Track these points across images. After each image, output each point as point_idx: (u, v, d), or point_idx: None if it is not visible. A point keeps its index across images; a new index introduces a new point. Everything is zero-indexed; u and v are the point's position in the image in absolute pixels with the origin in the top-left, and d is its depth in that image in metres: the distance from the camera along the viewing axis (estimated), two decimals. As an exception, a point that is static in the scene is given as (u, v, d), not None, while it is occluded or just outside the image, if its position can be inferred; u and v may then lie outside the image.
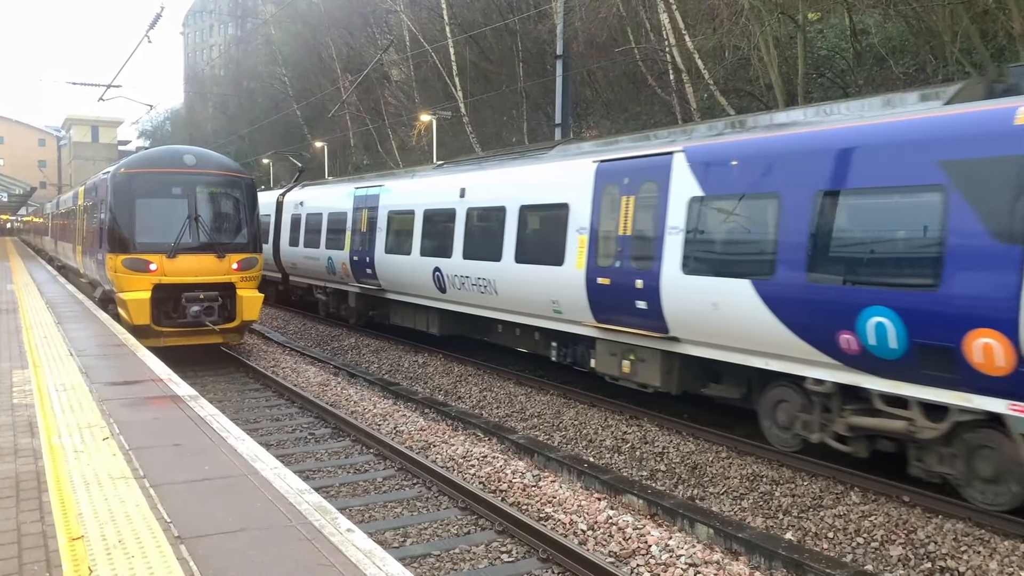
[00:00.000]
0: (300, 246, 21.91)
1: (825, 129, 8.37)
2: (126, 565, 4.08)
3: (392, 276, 16.99)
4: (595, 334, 11.56)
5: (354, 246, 18.60)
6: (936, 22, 17.22)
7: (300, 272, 22.63)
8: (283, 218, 23.64)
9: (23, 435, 6.62)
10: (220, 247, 15.43)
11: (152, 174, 15.39)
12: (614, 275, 10.79)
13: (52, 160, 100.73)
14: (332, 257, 19.82)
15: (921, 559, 6.89)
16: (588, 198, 11.40)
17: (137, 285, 14.73)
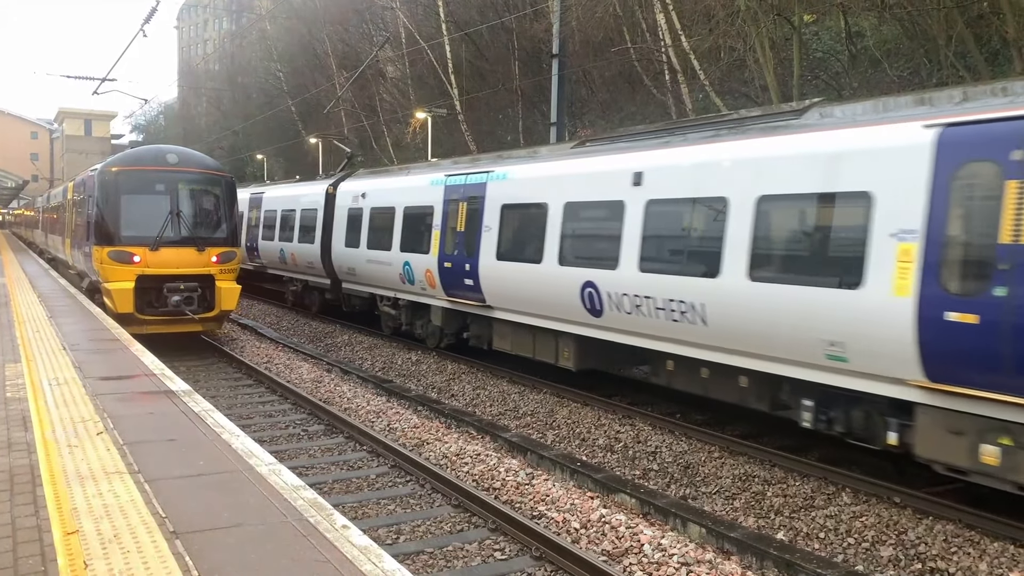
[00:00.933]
0: (362, 247, 18.04)
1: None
2: (122, 560, 4.08)
3: (506, 290, 13.22)
4: (919, 398, 7.47)
5: (446, 249, 14.91)
6: (931, 26, 17.30)
7: (360, 279, 18.67)
8: (336, 214, 19.62)
9: (16, 429, 6.61)
10: (200, 241, 16.32)
11: (137, 171, 16.41)
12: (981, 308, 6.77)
13: (44, 153, 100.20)
14: (410, 262, 16.04)
15: (911, 560, 6.94)
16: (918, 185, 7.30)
17: (121, 276, 15.65)
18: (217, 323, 17.40)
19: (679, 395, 12.74)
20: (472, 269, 14.03)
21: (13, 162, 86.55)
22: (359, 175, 20.27)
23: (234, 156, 61.35)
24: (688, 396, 12.58)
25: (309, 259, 21.19)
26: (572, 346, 12.23)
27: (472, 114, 34.15)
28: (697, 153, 9.89)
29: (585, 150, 12.32)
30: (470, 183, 14.57)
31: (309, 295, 22.68)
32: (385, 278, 17.30)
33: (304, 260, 21.61)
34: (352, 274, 19.02)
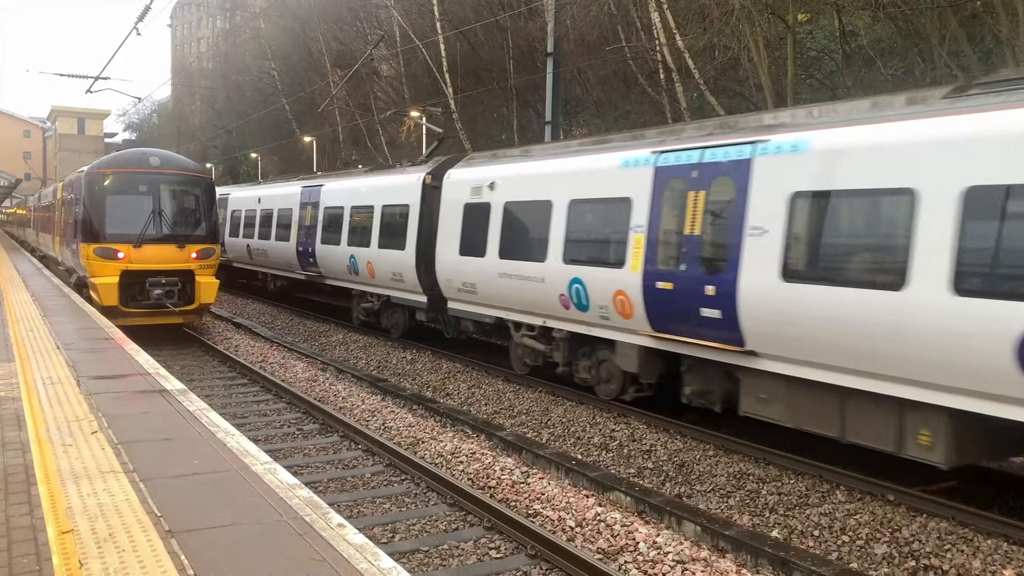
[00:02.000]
0: (489, 256, 13.58)
1: None
2: (117, 559, 4.07)
3: (798, 329, 8.52)
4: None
5: (657, 263, 10.32)
6: (924, 25, 17.35)
7: (484, 298, 13.97)
8: (442, 211, 15.23)
9: (11, 428, 6.59)
10: (181, 238, 17.40)
11: (121, 173, 17.52)
12: None
13: (37, 152, 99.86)
14: (583, 280, 11.48)
15: (905, 557, 6.96)
16: None
17: (107, 271, 16.69)
18: (197, 315, 18.45)
19: (674, 394, 12.77)
20: (723, 295, 9.22)
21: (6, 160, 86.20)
22: (475, 160, 15.31)
23: (228, 155, 61.25)
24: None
25: (396, 269, 16.83)
26: (944, 426, 7.53)
27: (467, 113, 34.13)
28: None
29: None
30: (716, 160, 9.54)
31: (389, 314, 18.37)
32: (531, 300, 12.67)
33: (387, 271, 17.22)
34: (469, 291, 14.31)
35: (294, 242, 21.82)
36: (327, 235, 19.98)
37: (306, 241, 21.13)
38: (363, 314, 19.29)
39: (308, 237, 21.01)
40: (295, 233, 21.84)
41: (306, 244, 21.13)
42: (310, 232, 20.93)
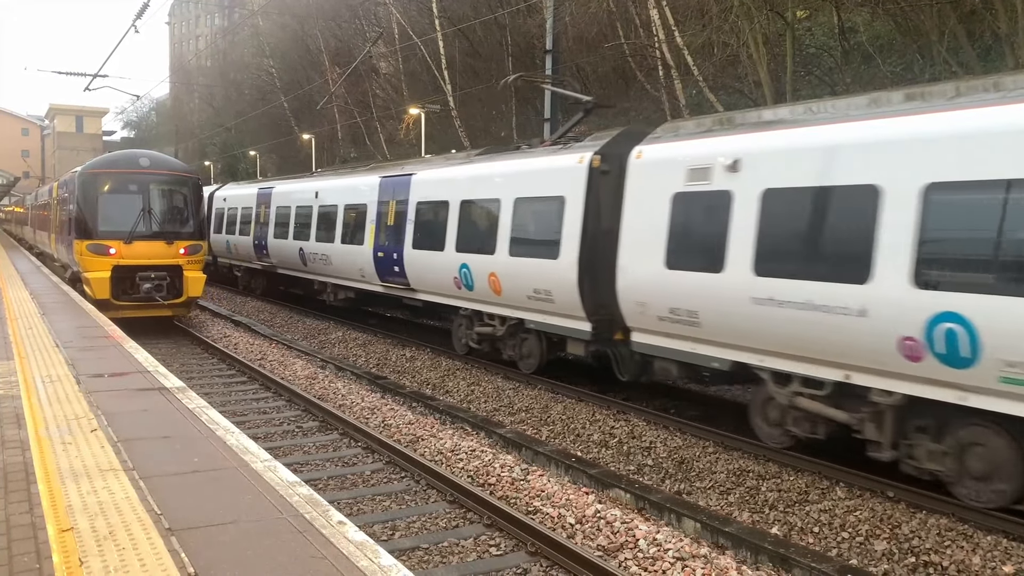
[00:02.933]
0: (728, 272, 9.38)
1: None
2: (117, 557, 4.07)
3: None
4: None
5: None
6: (924, 21, 17.35)
7: (712, 332, 9.85)
8: (632, 205, 11.03)
9: (10, 426, 6.58)
10: (169, 235, 18.33)
11: (112, 174, 18.46)
12: None
13: (35, 150, 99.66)
14: (967, 318, 7.03)
15: (905, 554, 6.97)
16: None
17: (99, 266, 17.61)
18: (185, 308, 19.32)
19: (673, 391, 12.79)
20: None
21: (4, 159, 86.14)
22: (685, 131, 10.77)
23: (227, 153, 61.20)
24: (682, 392, 12.60)
25: (540, 285, 12.48)
26: None
27: (465, 110, 34.12)
28: None
29: None
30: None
31: (518, 343, 13.88)
32: (826, 340, 8.33)
33: (524, 286, 12.89)
34: (683, 321, 10.08)
35: (370, 246, 17.85)
36: (421, 238, 15.88)
37: (390, 245, 17.09)
38: (474, 340, 14.97)
39: (391, 240, 17.00)
40: (371, 235, 17.88)
41: (390, 249, 17.09)
42: (394, 234, 16.91)
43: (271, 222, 23.60)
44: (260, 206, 24.79)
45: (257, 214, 24.87)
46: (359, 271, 18.49)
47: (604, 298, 11.38)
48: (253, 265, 26.01)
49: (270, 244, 23.61)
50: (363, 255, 18.14)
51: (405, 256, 16.34)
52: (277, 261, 23.60)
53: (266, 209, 24.25)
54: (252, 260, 25.87)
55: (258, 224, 24.73)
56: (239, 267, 27.86)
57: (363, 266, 18.19)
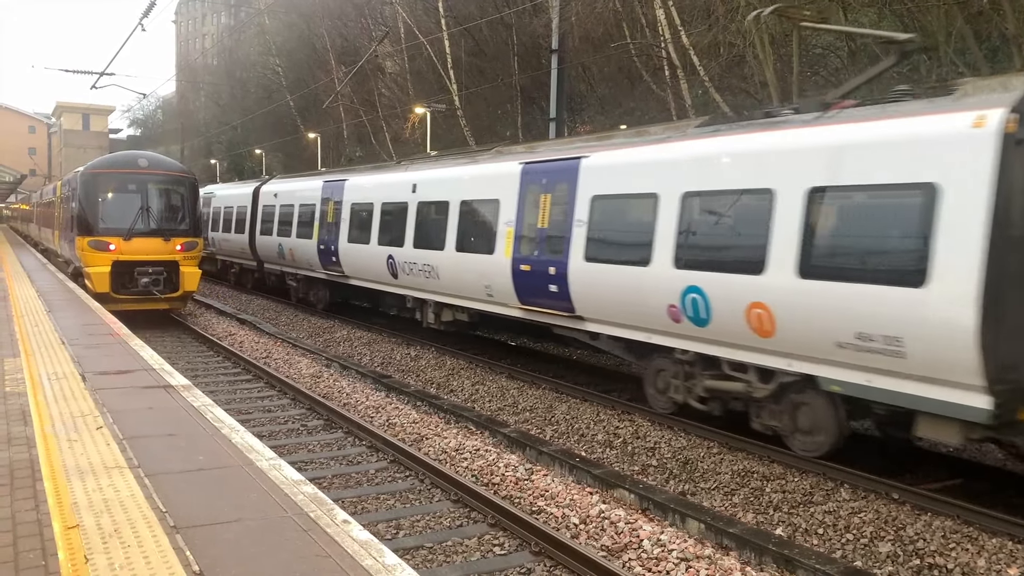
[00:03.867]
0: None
1: None
2: (122, 554, 4.08)
3: None
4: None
5: None
6: (931, 22, 17.29)
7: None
8: None
9: (16, 423, 6.60)
10: (166, 232, 19.16)
11: (112, 174, 19.41)
12: None
13: (42, 147, 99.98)
14: None
15: (910, 556, 6.95)
16: None
17: (99, 261, 18.46)
18: (181, 302, 20.18)
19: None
20: None
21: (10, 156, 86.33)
22: None
23: (232, 151, 61.29)
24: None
25: (877, 329, 7.82)
26: None
27: (471, 109, 34.12)
28: None
29: None
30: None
31: (796, 410, 9.16)
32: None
33: (831, 329, 8.29)
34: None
35: (506, 255, 13.29)
36: (604, 248, 11.38)
37: (543, 257, 12.48)
38: (697, 396, 10.47)
39: (548, 250, 12.42)
40: (508, 242, 13.26)
41: (543, 261, 12.40)
42: (553, 241, 12.35)
43: (343, 222, 19.46)
44: (327, 203, 20.57)
45: (323, 212, 20.67)
46: (484, 288, 14.00)
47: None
48: (316, 274, 21.48)
49: (342, 250, 19.45)
50: (494, 267, 13.49)
51: (572, 271, 11.70)
52: (351, 270, 19.40)
53: (335, 206, 20.04)
54: (315, 268, 21.28)
55: (324, 225, 20.52)
56: (294, 275, 23.28)
57: (493, 281, 13.63)
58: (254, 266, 26.09)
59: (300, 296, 22.96)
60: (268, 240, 24.36)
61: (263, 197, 25.52)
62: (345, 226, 19.36)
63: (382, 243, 17.36)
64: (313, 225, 21.06)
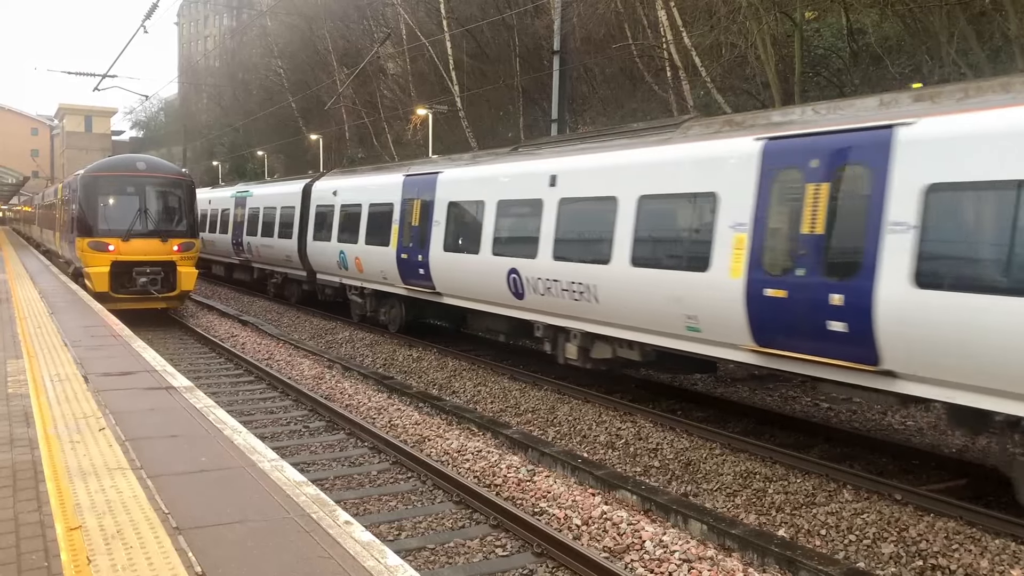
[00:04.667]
0: None
1: None
2: (125, 555, 4.08)
3: None
4: None
5: None
6: (933, 22, 17.29)
7: None
8: None
9: (19, 425, 6.61)
10: (164, 233, 19.55)
11: (111, 176, 19.80)
12: None
13: (45, 149, 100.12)
14: None
15: (913, 557, 6.94)
16: None
17: (99, 261, 18.87)
18: (179, 301, 20.56)
19: (680, 392, 12.77)
20: None
21: (13, 158, 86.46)
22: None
23: (235, 153, 61.35)
24: (690, 393, 12.57)
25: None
26: None
27: (473, 111, 34.14)
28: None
29: None
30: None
31: None
32: None
33: None
34: None
35: (735, 275, 9.14)
36: (955, 267, 7.44)
37: (805, 277, 8.48)
38: None
39: (814, 264, 8.42)
40: (741, 253, 9.13)
41: (806, 287, 8.48)
42: (835, 251, 8.35)
43: (436, 226, 15.44)
44: (411, 202, 16.53)
45: (404, 214, 16.69)
46: (685, 318, 9.89)
47: None
48: (393, 289, 17.60)
49: (434, 260, 15.40)
50: (707, 290, 9.50)
51: (881, 302, 7.68)
52: (446, 286, 15.34)
53: (423, 206, 16.00)
54: (392, 282, 17.39)
55: (407, 229, 16.53)
56: (359, 289, 19.35)
57: (702, 310, 9.70)
58: (303, 276, 22.43)
59: (366, 314, 19.15)
60: (324, 247, 20.38)
61: (317, 195, 21.36)
62: (439, 231, 15.29)
63: (501, 253, 13.39)
64: (390, 230, 17.11)
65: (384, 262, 17.30)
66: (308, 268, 21.86)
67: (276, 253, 23.90)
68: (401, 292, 17.14)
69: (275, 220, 23.81)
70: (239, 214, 27.29)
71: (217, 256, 29.97)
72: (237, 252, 27.53)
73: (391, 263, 16.97)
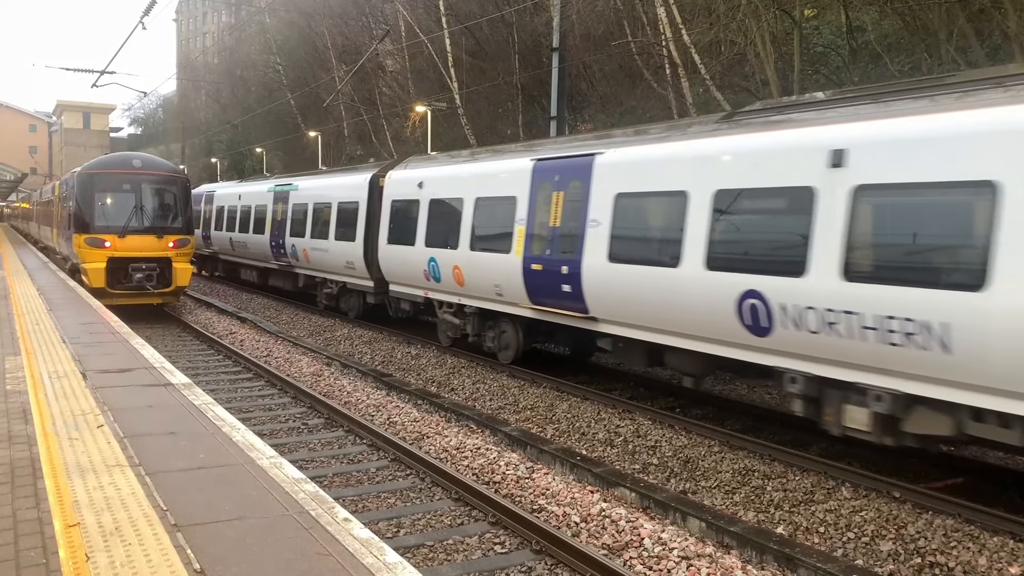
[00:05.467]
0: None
1: None
2: (123, 552, 4.08)
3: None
4: None
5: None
6: (932, 20, 17.28)
7: None
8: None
9: (17, 422, 6.60)
10: (159, 230, 19.92)
11: (107, 174, 20.11)
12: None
13: (43, 146, 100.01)
14: None
15: (911, 554, 6.95)
16: None
17: (95, 257, 19.17)
18: (174, 297, 20.90)
19: (679, 390, 12.77)
20: None
21: (11, 155, 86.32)
22: None
23: (233, 150, 61.27)
24: (688, 391, 12.58)
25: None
26: None
27: (472, 108, 34.11)
28: None
29: None
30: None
31: None
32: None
33: None
34: None
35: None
36: None
37: None
38: None
39: None
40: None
41: None
42: None
43: (593, 227, 11.54)
44: (546, 193, 12.67)
45: (533, 209, 12.78)
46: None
47: None
48: (512, 309, 13.55)
49: (592, 275, 11.48)
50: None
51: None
52: (611, 310, 11.43)
53: (571, 199, 12.09)
54: (516, 300, 13.28)
55: (544, 231, 12.58)
56: (456, 307, 15.21)
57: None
58: (368, 287, 18.85)
59: (467, 337, 15.13)
60: (403, 253, 16.40)
61: (393, 188, 17.26)
62: (599, 234, 11.34)
63: (725, 267, 9.40)
64: (511, 232, 13.14)
65: (501, 274, 13.36)
66: (377, 277, 18.21)
67: (332, 258, 20.24)
68: (522, 313, 13.33)
69: (331, 218, 20.26)
70: (279, 211, 23.53)
71: (249, 260, 26.82)
72: (277, 256, 23.77)
73: (513, 276, 13.04)
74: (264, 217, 24.75)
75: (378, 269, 17.87)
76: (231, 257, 28.81)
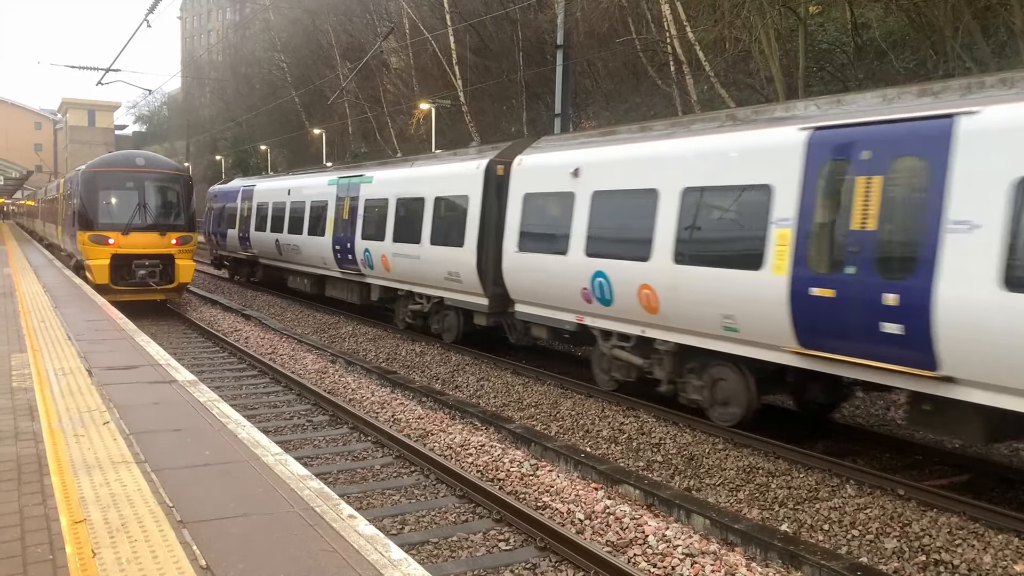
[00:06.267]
0: None
1: None
2: (129, 548, 4.09)
3: None
4: None
5: None
6: (937, 17, 17.22)
7: None
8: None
9: (23, 418, 6.63)
10: (162, 227, 20.24)
11: (111, 172, 20.44)
12: None
13: (48, 144, 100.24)
14: None
15: (916, 552, 6.94)
16: None
17: (99, 254, 19.52)
18: (176, 293, 21.38)
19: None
20: None
21: (17, 152, 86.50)
22: None
23: (237, 147, 61.34)
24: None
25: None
26: None
27: (476, 105, 34.11)
28: None
29: None
30: None
31: None
32: None
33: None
34: None
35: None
36: None
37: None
38: None
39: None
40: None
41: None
42: None
43: (968, 232, 7.14)
44: (831, 180, 8.51)
45: (807, 206, 8.66)
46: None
47: None
48: (747, 351, 9.58)
49: (953, 312, 7.25)
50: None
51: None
52: (978, 369, 7.20)
53: (911, 184, 7.83)
54: (772, 340, 9.09)
55: (835, 236, 8.46)
56: (642, 340, 11.19)
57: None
58: (481, 306, 14.79)
59: (658, 379, 11.10)
60: (546, 264, 12.71)
61: (524, 178, 13.46)
62: (977, 243, 7.09)
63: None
64: (764, 238, 9.04)
65: (739, 299, 9.39)
66: (495, 293, 14.41)
67: (425, 267, 16.20)
68: (772, 358, 9.30)
69: (424, 217, 16.21)
70: (345, 208, 19.56)
71: (301, 266, 22.73)
72: (341, 262, 19.74)
73: (765, 303, 9.03)
74: (323, 215, 20.64)
75: (496, 283, 14.19)
76: (276, 262, 24.52)
